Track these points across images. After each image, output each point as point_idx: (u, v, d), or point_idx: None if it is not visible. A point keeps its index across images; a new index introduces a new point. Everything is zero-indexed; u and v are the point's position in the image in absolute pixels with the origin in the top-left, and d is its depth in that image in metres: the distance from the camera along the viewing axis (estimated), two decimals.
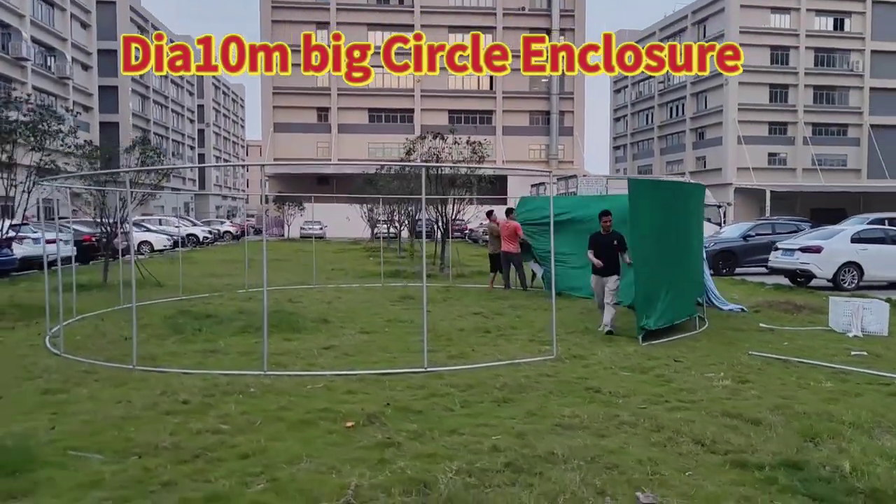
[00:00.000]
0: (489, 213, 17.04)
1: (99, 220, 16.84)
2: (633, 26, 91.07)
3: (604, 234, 10.04)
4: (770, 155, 63.37)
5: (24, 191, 12.53)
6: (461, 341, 9.30)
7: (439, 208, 19.66)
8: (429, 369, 7.51)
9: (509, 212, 15.48)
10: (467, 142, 19.80)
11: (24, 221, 17.08)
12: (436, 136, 19.22)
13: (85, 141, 16.57)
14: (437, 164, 18.14)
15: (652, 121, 76.54)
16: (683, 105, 70.01)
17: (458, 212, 20.54)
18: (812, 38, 62.88)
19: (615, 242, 9.91)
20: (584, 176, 32.45)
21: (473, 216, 25.29)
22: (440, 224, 20.13)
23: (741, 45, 61.17)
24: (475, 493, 4.14)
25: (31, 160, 12.73)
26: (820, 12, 63.22)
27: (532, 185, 34.79)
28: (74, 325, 10.76)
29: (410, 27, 64.30)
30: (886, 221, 24.55)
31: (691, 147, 68.72)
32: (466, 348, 8.82)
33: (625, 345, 9.04)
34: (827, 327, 10.71)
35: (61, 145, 13.48)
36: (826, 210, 54.19)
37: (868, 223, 23.95)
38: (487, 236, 17.20)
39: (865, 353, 8.64)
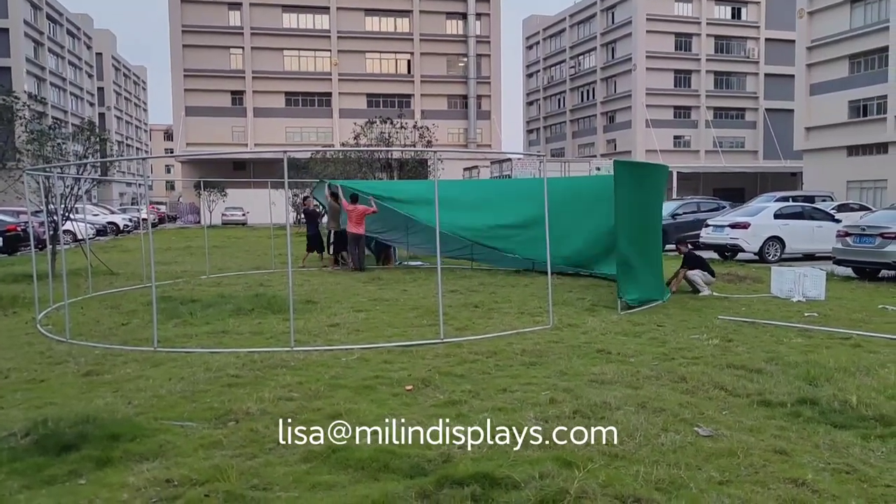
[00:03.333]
0: (335, 195, 17.44)
1: (45, 207, 16.36)
2: (545, 12, 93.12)
3: None
4: (675, 137, 66.77)
5: None
6: (457, 316, 9.86)
7: None
8: (445, 340, 8.07)
9: (355, 197, 16.03)
10: (414, 126, 20.24)
11: None
12: (385, 120, 19.54)
13: (87, 122, 16.15)
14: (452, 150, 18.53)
15: (564, 105, 78.86)
16: (594, 89, 72.52)
17: None
18: (712, 26, 66.48)
19: None
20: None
21: None
22: None
23: (647, 32, 64.01)
24: (563, 433, 4.76)
25: None
26: (719, 1, 66.87)
27: (465, 169, 35.52)
28: (53, 313, 10.67)
29: (326, 10, 63.73)
30: (791, 199, 26.75)
31: (602, 130, 71.35)
32: (466, 322, 9.41)
33: (607, 314, 9.86)
34: (770, 294, 11.91)
35: (25, 131, 13.07)
36: (726, 189, 57.70)
37: (775, 200, 26.05)
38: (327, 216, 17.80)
39: (817, 314, 9.81)
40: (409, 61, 65.85)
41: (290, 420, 5.17)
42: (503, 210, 14.92)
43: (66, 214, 16.72)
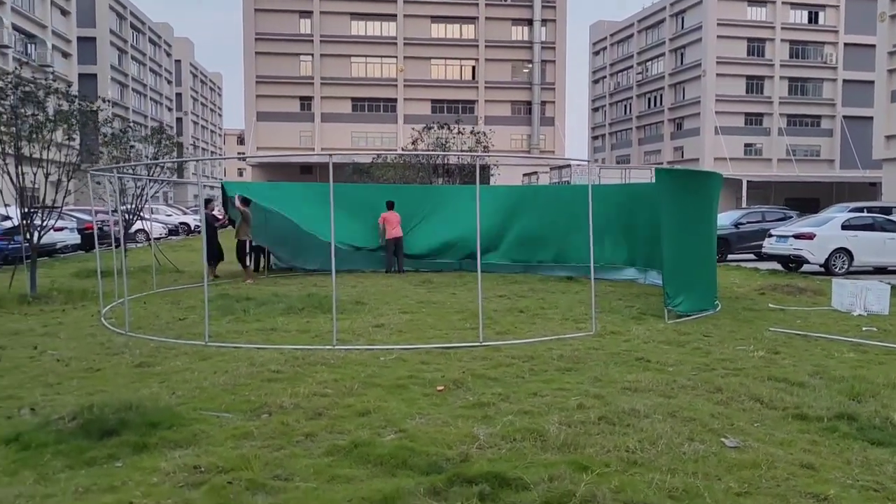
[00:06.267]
0: (207, 201, 16.27)
1: (117, 207, 17.13)
2: (613, 17, 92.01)
3: None
4: (746, 145, 64.86)
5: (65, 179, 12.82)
6: (500, 320, 9.91)
7: None
8: (485, 343, 8.14)
9: (391, 204, 16.59)
10: (471, 132, 20.34)
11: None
12: (442, 125, 19.71)
13: (158, 125, 16.86)
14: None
15: (630, 111, 77.65)
16: (662, 96, 71.18)
17: None
18: (787, 31, 64.33)
19: None
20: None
21: None
22: None
23: (718, 37, 62.51)
24: (584, 438, 4.77)
25: (63, 153, 13.01)
26: (795, 5, 64.67)
27: (524, 175, 35.46)
28: (118, 307, 11.19)
29: (393, 17, 64.49)
30: (865, 210, 25.65)
31: (669, 137, 69.94)
32: (509, 326, 9.44)
33: (654, 323, 9.73)
34: (830, 307, 11.49)
35: (102, 136, 13.82)
36: (800, 199, 55.65)
37: (849, 211, 25.02)
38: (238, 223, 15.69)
39: (875, 329, 9.44)
40: (473, 67, 66.00)
41: (320, 414, 5.37)
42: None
43: (137, 214, 17.51)
